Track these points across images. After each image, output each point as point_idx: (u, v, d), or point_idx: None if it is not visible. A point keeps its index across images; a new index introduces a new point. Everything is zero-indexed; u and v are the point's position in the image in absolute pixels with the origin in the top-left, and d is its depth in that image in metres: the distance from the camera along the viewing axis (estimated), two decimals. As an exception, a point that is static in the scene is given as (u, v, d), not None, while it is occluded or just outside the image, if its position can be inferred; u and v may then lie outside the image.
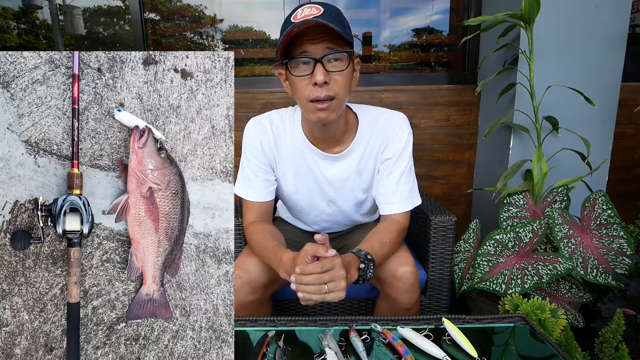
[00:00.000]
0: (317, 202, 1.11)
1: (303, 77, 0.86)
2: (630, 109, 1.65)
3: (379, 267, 0.97)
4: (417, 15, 1.99)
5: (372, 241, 0.94)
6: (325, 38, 0.82)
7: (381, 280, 1.00)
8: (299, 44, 0.83)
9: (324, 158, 1.03)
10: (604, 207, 1.26)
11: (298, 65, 0.86)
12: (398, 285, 0.95)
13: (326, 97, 0.85)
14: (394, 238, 0.97)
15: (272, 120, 1.05)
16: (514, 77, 1.47)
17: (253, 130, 1.04)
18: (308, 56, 0.83)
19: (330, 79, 0.85)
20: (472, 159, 1.89)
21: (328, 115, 0.88)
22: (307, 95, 0.86)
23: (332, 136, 1.00)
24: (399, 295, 0.96)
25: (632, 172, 1.82)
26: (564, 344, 0.94)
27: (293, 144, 1.03)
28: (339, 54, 0.84)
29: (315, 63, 0.83)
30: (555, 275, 1.14)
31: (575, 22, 1.43)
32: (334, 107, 0.88)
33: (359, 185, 1.07)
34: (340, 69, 0.85)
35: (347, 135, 1.03)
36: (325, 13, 0.81)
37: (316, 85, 0.84)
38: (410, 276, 0.95)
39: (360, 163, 1.04)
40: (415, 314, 0.99)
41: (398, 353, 0.75)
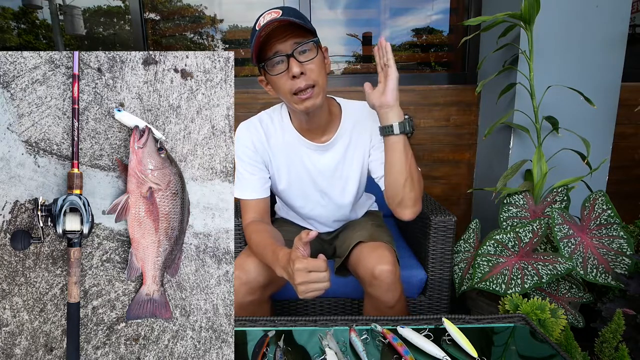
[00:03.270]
0: (310, 194, 1.14)
1: (281, 75, 0.92)
2: (630, 109, 1.65)
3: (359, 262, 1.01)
4: (417, 15, 1.99)
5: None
6: (291, 35, 0.89)
7: (362, 279, 1.01)
8: (269, 47, 0.90)
9: (314, 148, 1.07)
10: (604, 207, 1.26)
11: (274, 65, 0.92)
12: (377, 284, 0.96)
13: (306, 86, 0.91)
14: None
15: (261, 120, 1.10)
16: (514, 77, 1.47)
17: (245, 132, 1.08)
18: (280, 54, 0.90)
19: (305, 69, 0.90)
20: (472, 159, 1.89)
21: (314, 102, 0.94)
22: (289, 89, 0.92)
23: (318, 126, 1.05)
24: (379, 294, 0.97)
25: (632, 172, 1.82)
26: (564, 344, 0.94)
27: (284, 138, 1.08)
28: (306, 45, 0.90)
29: (289, 58, 0.90)
30: (555, 275, 1.14)
31: (575, 22, 1.43)
32: (317, 93, 0.94)
33: (347, 173, 1.10)
34: (311, 58, 0.91)
35: (332, 124, 1.07)
36: (284, 14, 0.88)
37: (294, 77, 0.90)
38: (389, 275, 0.96)
39: (348, 150, 1.08)
40: (400, 312, 0.99)
41: (398, 353, 0.75)
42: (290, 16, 0.88)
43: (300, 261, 0.79)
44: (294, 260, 0.80)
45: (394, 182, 0.95)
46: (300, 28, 0.89)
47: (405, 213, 0.98)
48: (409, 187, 0.94)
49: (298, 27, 0.89)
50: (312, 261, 0.79)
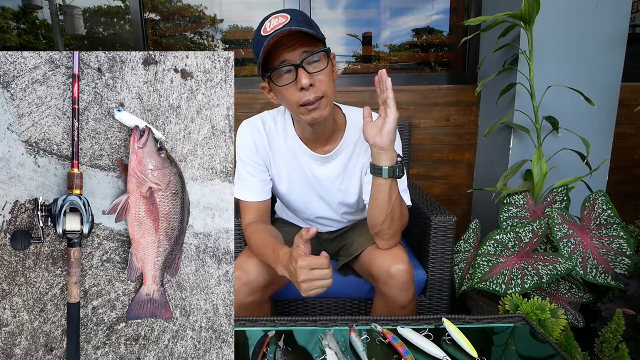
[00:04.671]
0: (310, 200, 1.13)
1: (289, 85, 0.88)
2: (630, 109, 1.65)
3: (373, 261, 1.00)
4: (417, 15, 1.99)
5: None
6: (299, 43, 0.84)
7: (375, 279, 1.00)
8: (276, 55, 0.85)
9: (315, 159, 1.06)
10: (603, 207, 1.26)
11: (281, 75, 0.88)
12: (392, 283, 0.96)
13: (315, 99, 0.88)
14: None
15: (264, 121, 1.07)
16: (514, 77, 1.47)
17: (247, 131, 1.06)
18: (288, 64, 0.86)
19: (315, 80, 0.87)
20: (472, 159, 1.89)
21: (321, 113, 0.90)
22: (297, 100, 0.88)
23: (322, 135, 1.03)
24: (393, 293, 0.96)
25: (632, 172, 1.82)
26: (564, 344, 0.94)
27: (286, 144, 1.06)
28: (316, 55, 0.87)
29: (297, 69, 0.85)
30: (555, 275, 1.14)
31: (575, 22, 1.43)
32: (324, 105, 0.90)
33: (347, 185, 1.09)
34: (321, 69, 0.88)
35: (337, 134, 1.05)
36: (292, 19, 0.83)
37: (303, 89, 0.86)
38: (404, 274, 0.95)
39: (350, 162, 1.07)
40: (411, 312, 0.99)
41: (398, 353, 0.75)
42: (299, 22, 0.83)
43: (303, 259, 0.79)
44: (297, 258, 0.79)
45: (374, 215, 0.96)
46: (310, 35, 0.84)
47: (381, 244, 1.01)
48: (387, 224, 0.95)
49: (307, 34, 0.84)
50: (314, 258, 0.79)
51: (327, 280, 0.79)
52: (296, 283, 0.81)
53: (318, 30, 0.89)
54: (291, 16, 0.84)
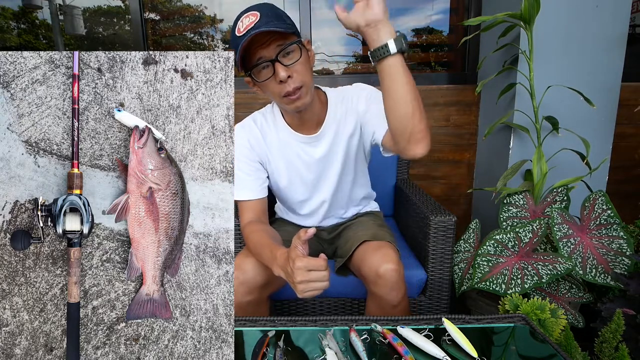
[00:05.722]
0: (310, 190, 1.15)
1: (268, 80, 0.92)
2: (630, 109, 1.65)
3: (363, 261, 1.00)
4: (417, 15, 1.99)
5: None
6: (272, 38, 0.88)
7: (366, 278, 1.01)
8: (252, 53, 0.89)
9: (306, 141, 1.08)
10: (603, 207, 1.26)
11: (260, 71, 0.91)
12: (381, 283, 0.96)
13: (295, 89, 0.92)
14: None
15: (255, 119, 1.11)
16: (514, 77, 1.47)
17: (240, 130, 1.10)
18: (264, 60, 0.89)
19: (292, 71, 0.90)
20: (472, 159, 1.89)
21: (303, 102, 0.95)
22: (278, 92, 0.93)
23: (310, 120, 1.06)
24: (383, 293, 0.97)
25: (632, 172, 1.83)
26: (564, 344, 0.94)
27: (278, 136, 1.09)
28: (289, 47, 0.90)
29: (274, 63, 0.89)
30: (555, 275, 1.14)
31: (575, 22, 1.43)
32: (305, 93, 0.94)
33: (341, 160, 1.11)
34: (296, 59, 0.91)
35: (323, 114, 1.08)
36: (262, 16, 0.86)
37: (282, 82, 0.90)
38: (394, 274, 0.95)
39: (337, 134, 1.09)
40: (403, 310, 0.99)
41: (398, 353, 0.75)
42: (269, 18, 0.86)
43: (300, 260, 0.79)
44: (294, 259, 0.80)
45: (400, 114, 0.80)
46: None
47: (418, 147, 0.83)
48: (418, 117, 0.80)
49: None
50: (312, 260, 0.79)
51: (323, 282, 0.80)
52: (292, 284, 0.81)
53: (288, 22, 0.92)
54: (261, 13, 0.87)
